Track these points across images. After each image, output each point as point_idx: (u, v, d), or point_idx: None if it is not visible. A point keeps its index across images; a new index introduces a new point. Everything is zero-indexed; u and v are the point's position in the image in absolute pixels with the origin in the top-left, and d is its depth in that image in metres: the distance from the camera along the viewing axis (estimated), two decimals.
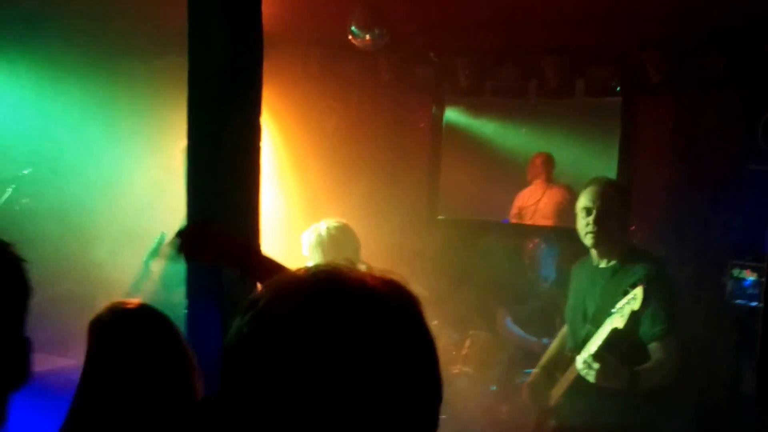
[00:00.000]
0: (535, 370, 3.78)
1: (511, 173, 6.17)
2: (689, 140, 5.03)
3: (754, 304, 4.35)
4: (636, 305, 3.01)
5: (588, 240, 3.40)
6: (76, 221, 4.80)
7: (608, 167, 5.34)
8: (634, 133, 5.32)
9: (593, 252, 3.45)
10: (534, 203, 6.03)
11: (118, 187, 4.83)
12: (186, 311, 2.47)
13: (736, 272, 4.43)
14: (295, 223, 5.10)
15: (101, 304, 1.92)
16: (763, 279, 4.26)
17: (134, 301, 1.96)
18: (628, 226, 3.52)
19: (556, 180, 6.11)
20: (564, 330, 3.77)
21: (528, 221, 6.01)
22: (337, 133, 5.92)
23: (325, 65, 5.81)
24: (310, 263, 3.86)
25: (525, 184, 6.22)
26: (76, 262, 4.68)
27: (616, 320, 3.09)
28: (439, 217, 6.21)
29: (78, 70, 4.91)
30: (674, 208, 5.01)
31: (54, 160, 4.91)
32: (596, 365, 3.07)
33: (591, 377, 3.10)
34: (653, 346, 3.18)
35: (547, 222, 6.07)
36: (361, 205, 5.35)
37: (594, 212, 3.33)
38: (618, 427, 3.26)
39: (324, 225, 3.83)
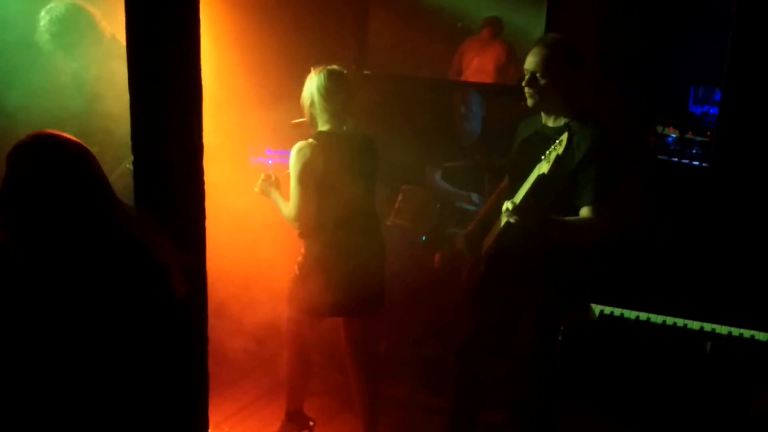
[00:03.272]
0: (471, 223, 3.85)
1: (441, 29, 6.05)
2: None
3: (675, 159, 4.54)
4: (560, 149, 3.03)
5: (529, 102, 3.39)
6: None
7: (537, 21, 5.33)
8: None
9: (541, 112, 3.48)
10: (476, 50, 5.87)
11: None
12: None
13: (659, 129, 4.58)
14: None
15: None
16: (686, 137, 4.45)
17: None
18: (577, 88, 3.40)
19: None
20: (504, 183, 3.83)
21: (466, 70, 5.89)
22: None
23: None
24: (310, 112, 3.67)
25: (454, 41, 6.11)
26: None
27: (543, 166, 3.12)
28: (365, 72, 6.12)
29: None
30: (602, 63, 5.06)
31: None
32: (518, 209, 3.14)
33: (512, 219, 3.17)
34: (584, 210, 3.25)
35: (485, 77, 6.01)
36: (284, 59, 5.18)
37: (532, 75, 3.31)
38: (541, 274, 3.39)
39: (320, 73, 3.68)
